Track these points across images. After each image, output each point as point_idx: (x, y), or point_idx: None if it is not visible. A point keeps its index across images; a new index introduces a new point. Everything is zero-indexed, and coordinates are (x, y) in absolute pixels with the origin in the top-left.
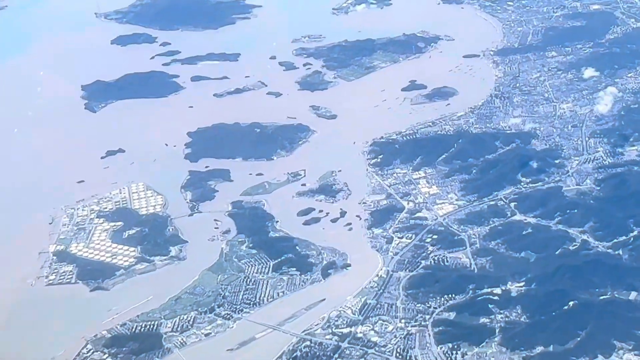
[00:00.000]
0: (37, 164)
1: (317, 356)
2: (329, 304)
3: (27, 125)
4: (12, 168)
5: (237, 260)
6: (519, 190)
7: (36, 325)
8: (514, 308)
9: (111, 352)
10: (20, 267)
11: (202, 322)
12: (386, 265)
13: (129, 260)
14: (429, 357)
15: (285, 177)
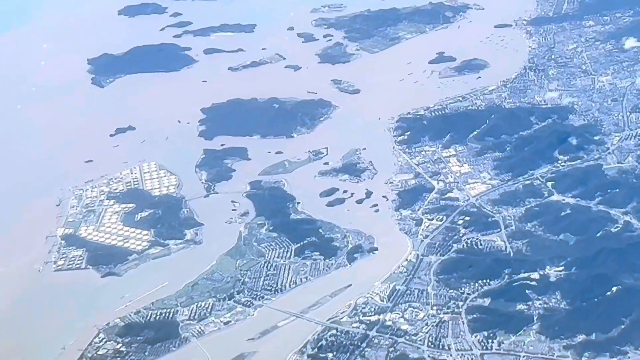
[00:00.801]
0: (42, 142)
1: (343, 345)
2: (355, 290)
3: (30, 102)
4: (15, 147)
5: (257, 244)
6: (556, 169)
7: (45, 313)
8: (553, 294)
9: (125, 341)
10: (27, 252)
11: (221, 309)
12: (415, 248)
13: (142, 244)
14: (463, 346)
15: (307, 156)
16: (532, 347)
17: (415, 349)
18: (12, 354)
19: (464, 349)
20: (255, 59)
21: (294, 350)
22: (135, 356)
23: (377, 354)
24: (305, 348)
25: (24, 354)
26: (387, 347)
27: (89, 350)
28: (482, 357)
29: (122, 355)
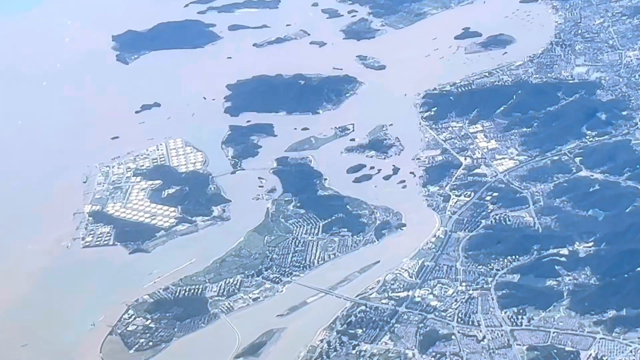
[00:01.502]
0: (67, 119)
1: (373, 321)
2: (384, 267)
3: (55, 79)
4: (41, 124)
5: (284, 220)
6: (585, 144)
7: (74, 289)
8: (582, 269)
9: (154, 317)
10: (54, 229)
11: (250, 286)
12: (444, 225)
13: (170, 220)
14: (492, 322)
15: (333, 132)
16: (562, 323)
17: (445, 325)
18: (41, 330)
19: (493, 325)
20: (279, 35)
21: (323, 326)
22: (164, 332)
23: (407, 330)
24: (334, 324)
25: (53, 330)
26: (417, 323)
27: (118, 326)
28: (512, 333)
29: (152, 331)
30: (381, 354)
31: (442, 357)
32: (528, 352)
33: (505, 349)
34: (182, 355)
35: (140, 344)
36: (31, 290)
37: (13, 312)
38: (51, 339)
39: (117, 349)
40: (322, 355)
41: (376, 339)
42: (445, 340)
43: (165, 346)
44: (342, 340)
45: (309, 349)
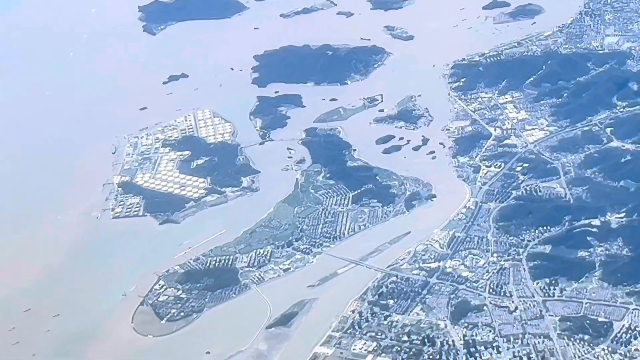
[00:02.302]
0: (94, 90)
1: (404, 292)
2: (414, 238)
3: (82, 50)
4: (68, 94)
5: (314, 191)
6: (615, 115)
7: (104, 260)
8: (614, 240)
9: (185, 288)
10: (84, 200)
11: (280, 256)
12: (474, 195)
13: (199, 191)
14: (524, 293)
15: (361, 103)
16: (595, 294)
17: (477, 296)
18: (73, 301)
19: (525, 296)
20: (306, 5)
21: (355, 297)
22: (195, 303)
23: (438, 301)
24: (365, 295)
25: (85, 300)
26: (448, 293)
27: (149, 297)
28: (545, 304)
29: (183, 301)
30: (413, 324)
31: (474, 328)
32: (560, 323)
33: (537, 319)
34: (214, 325)
35: (172, 315)
36: (62, 261)
37: (45, 283)
38: (83, 309)
39: (148, 319)
40: (354, 326)
41: (408, 310)
42: (477, 311)
43: (196, 316)
44: (374, 311)
45: (340, 319)
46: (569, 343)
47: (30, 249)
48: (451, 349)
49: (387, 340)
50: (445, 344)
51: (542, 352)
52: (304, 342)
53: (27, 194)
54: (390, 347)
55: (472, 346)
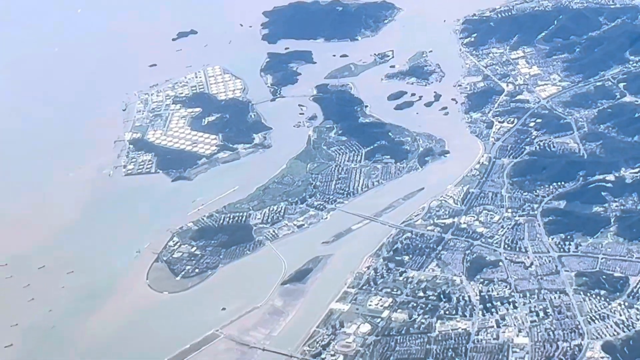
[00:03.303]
0: (103, 47)
1: (419, 248)
2: (428, 194)
3: (90, 5)
4: (76, 51)
5: (326, 147)
6: (628, 70)
7: (118, 217)
8: (629, 195)
9: (199, 244)
10: (95, 157)
11: (294, 213)
12: (487, 151)
13: (211, 148)
14: (540, 249)
15: (372, 59)
16: (610, 249)
17: (492, 252)
18: (87, 258)
19: (541, 252)
20: None
21: (370, 253)
22: (210, 259)
23: (454, 257)
24: (380, 251)
25: (99, 257)
26: (463, 249)
27: (163, 253)
28: (560, 260)
29: (197, 258)
30: (428, 280)
31: (489, 284)
32: (576, 278)
33: (553, 275)
34: (229, 282)
35: (187, 271)
36: (75, 218)
37: (58, 241)
38: (97, 266)
39: (163, 275)
40: (370, 282)
41: (423, 266)
42: (492, 267)
43: (211, 273)
44: (389, 267)
45: (355, 275)
46: (585, 298)
47: (42, 206)
48: (467, 304)
49: (403, 296)
50: (462, 299)
51: (558, 307)
52: (320, 298)
53: (38, 152)
54: (406, 303)
55: (489, 302)
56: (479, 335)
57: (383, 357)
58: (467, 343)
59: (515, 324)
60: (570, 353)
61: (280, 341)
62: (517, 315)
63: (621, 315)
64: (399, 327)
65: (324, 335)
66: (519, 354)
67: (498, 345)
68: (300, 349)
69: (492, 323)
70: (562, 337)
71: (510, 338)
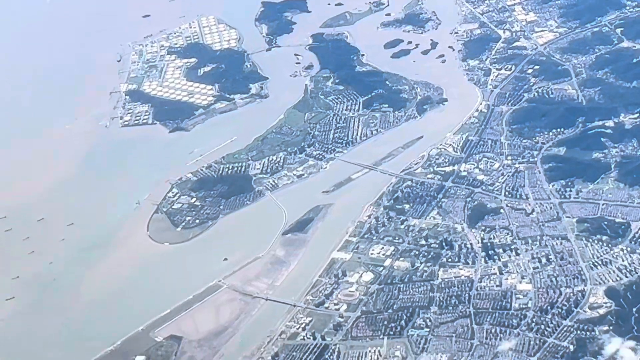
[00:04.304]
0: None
1: (420, 196)
2: (427, 142)
3: None
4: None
5: (324, 97)
6: (625, 15)
7: (116, 168)
8: (629, 141)
9: (199, 195)
10: (92, 108)
11: (293, 163)
12: (486, 99)
13: (208, 99)
14: (541, 195)
15: (367, 7)
16: (611, 195)
17: (493, 199)
18: (87, 210)
19: (542, 198)
20: None
21: (370, 202)
22: (210, 210)
23: (455, 205)
24: (381, 200)
25: (98, 209)
26: (464, 197)
27: (163, 204)
28: (561, 206)
29: (197, 209)
30: (430, 228)
31: (491, 231)
32: (578, 224)
33: (554, 221)
34: (230, 232)
35: (187, 222)
36: (73, 170)
37: (57, 193)
38: (97, 218)
39: (164, 227)
40: (371, 231)
41: (424, 214)
42: (494, 214)
43: (212, 224)
44: (390, 216)
45: (356, 224)
46: (587, 244)
47: (39, 158)
48: (469, 252)
49: (405, 245)
50: (464, 247)
51: (560, 253)
52: (321, 247)
53: (34, 104)
54: (408, 251)
55: (491, 249)
56: (482, 282)
57: (386, 305)
58: (470, 290)
59: (518, 271)
60: (574, 299)
61: (283, 291)
62: (520, 262)
63: (624, 260)
64: (402, 275)
65: (326, 285)
66: (522, 300)
67: (501, 292)
68: (303, 298)
69: (495, 270)
70: (565, 283)
71: (513, 285)
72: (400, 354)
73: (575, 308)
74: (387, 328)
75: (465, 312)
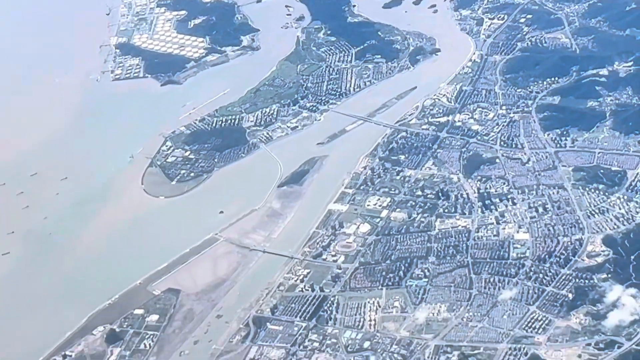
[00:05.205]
0: None
1: (415, 147)
2: (421, 92)
3: None
4: None
5: (316, 48)
6: None
7: (108, 122)
8: (623, 89)
9: (193, 149)
10: (82, 63)
11: (287, 115)
12: (479, 48)
13: (199, 51)
14: (536, 145)
15: None
16: (607, 144)
17: (488, 149)
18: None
19: (537, 148)
20: None
21: (365, 153)
22: (204, 163)
23: (450, 155)
24: (376, 151)
25: (92, 163)
26: (459, 147)
27: (157, 158)
28: (557, 155)
29: (192, 162)
30: (426, 179)
31: (487, 181)
32: (574, 173)
33: (550, 170)
34: (225, 185)
35: (182, 175)
36: (65, 124)
37: (49, 147)
38: (91, 172)
39: (158, 180)
40: (367, 182)
41: (420, 165)
42: (489, 164)
43: (207, 177)
44: (386, 167)
45: (352, 176)
46: (584, 193)
47: (30, 113)
48: (466, 202)
49: (401, 196)
50: (460, 197)
51: (557, 202)
52: (317, 199)
53: (23, 58)
54: (405, 202)
55: (487, 199)
56: (479, 232)
57: (384, 256)
58: (468, 240)
59: (515, 221)
60: (571, 248)
61: (280, 243)
62: (517, 212)
63: (620, 208)
64: (399, 226)
65: (323, 236)
66: (520, 249)
67: (499, 242)
68: (300, 250)
69: (492, 220)
70: (562, 232)
71: (511, 234)
72: (399, 305)
73: (573, 257)
74: (386, 279)
75: (463, 262)
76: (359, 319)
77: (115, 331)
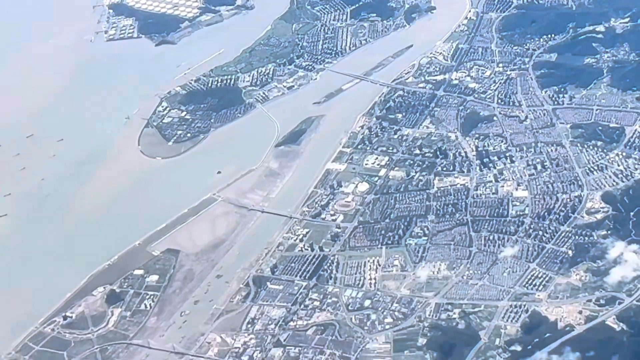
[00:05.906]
0: None
1: (412, 106)
2: (417, 51)
3: None
4: None
5: (310, 7)
6: None
7: (103, 83)
8: (620, 46)
9: (189, 109)
10: (75, 23)
11: (282, 74)
12: (474, 6)
13: (193, 11)
14: (533, 102)
15: None
16: (605, 100)
17: (486, 107)
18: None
19: (535, 105)
20: None
21: (362, 112)
22: (201, 123)
23: (447, 113)
24: (373, 110)
25: (87, 124)
26: (457, 105)
27: (153, 118)
28: (555, 112)
29: (188, 122)
30: (423, 137)
31: (485, 139)
32: (572, 130)
33: (548, 128)
34: (222, 145)
35: (178, 136)
36: (60, 86)
37: (44, 109)
38: (87, 133)
39: (155, 141)
40: (364, 141)
41: (417, 123)
42: (487, 122)
43: (203, 137)
44: (383, 126)
45: (350, 135)
46: (582, 150)
47: (24, 74)
48: (464, 160)
49: (399, 154)
50: (458, 155)
51: (556, 159)
52: (315, 158)
53: (13, 18)
54: (403, 161)
55: (485, 157)
56: (478, 190)
57: (383, 215)
58: (467, 198)
59: (514, 178)
60: (571, 205)
61: (279, 203)
62: (515, 169)
63: (619, 165)
64: (397, 184)
65: (322, 196)
66: (519, 207)
67: (498, 199)
68: (299, 209)
69: (490, 178)
70: (561, 189)
71: (510, 192)
72: (399, 263)
73: (572, 214)
74: (385, 238)
75: (463, 220)
76: (359, 277)
77: (116, 292)
